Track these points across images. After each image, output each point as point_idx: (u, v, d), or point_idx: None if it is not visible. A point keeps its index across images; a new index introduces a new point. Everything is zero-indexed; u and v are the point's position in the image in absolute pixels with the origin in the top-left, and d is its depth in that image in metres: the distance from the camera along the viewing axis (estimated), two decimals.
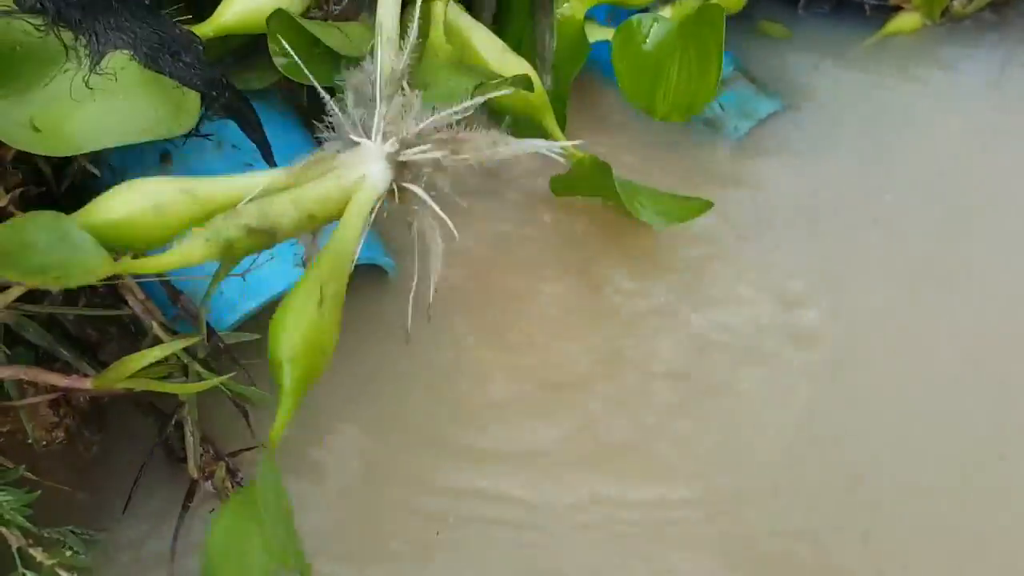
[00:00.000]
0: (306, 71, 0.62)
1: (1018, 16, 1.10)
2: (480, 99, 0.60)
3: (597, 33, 0.91)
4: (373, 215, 0.59)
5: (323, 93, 0.60)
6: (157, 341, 0.66)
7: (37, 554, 0.56)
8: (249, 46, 0.75)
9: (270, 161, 0.69)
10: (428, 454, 0.78)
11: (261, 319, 0.70)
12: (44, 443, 0.69)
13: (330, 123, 0.61)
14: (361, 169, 0.57)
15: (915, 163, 0.99)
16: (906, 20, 1.06)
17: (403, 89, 0.60)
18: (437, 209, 0.59)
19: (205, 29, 0.68)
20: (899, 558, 0.76)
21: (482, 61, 0.78)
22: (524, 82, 0.70)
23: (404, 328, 0.63)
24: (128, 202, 0.54)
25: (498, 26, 0.86)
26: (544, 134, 0.81)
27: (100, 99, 0.62)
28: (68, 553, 0.56)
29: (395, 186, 0.59)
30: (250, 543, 0.53)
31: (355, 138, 0.58)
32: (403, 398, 0.80)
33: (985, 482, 0.80)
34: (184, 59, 0.64)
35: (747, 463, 0.80)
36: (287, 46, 0.65)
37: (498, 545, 0.75)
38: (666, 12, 0.91)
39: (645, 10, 0.91)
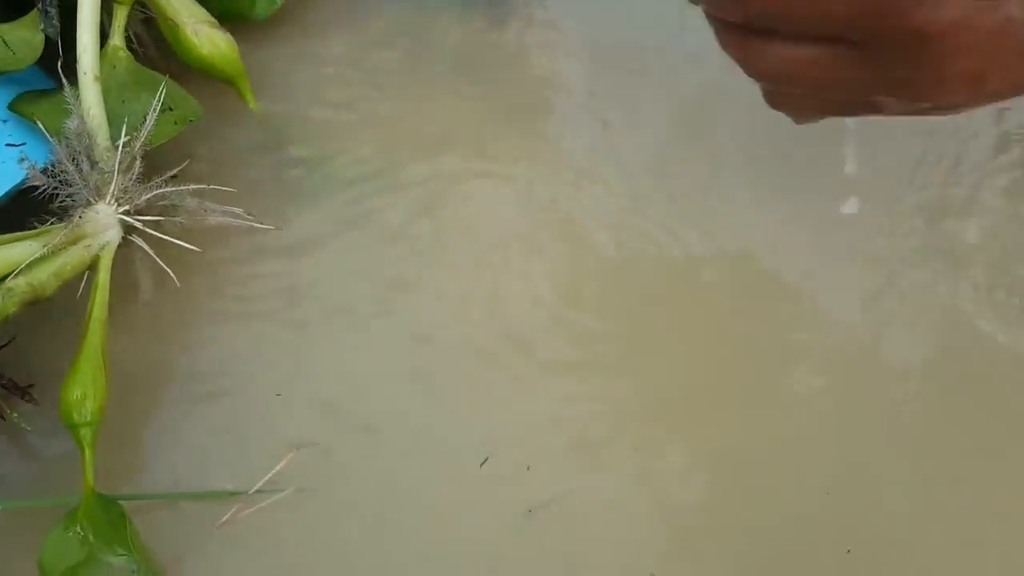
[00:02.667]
0: None
1: None
2: (150, 127, 0.65)
3: None
4: None
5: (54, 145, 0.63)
6: None
7: None
8: None
9: None
10: None
11: None
12: None
13: (60, 175, 0.63)
14: (104, 237, 0.64)
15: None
16: None
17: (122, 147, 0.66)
18: (159, 261, 0.66)
19: None
20: None
21: (189, 42, 0.72)
22: (192, 116, 0.70)
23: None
24: None
25: None
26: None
27: None
28: None
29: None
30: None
31: (91, 200, 0.64)
32: None
33: None
34: None
35: None
36: None
37: None
38: None
39: None
